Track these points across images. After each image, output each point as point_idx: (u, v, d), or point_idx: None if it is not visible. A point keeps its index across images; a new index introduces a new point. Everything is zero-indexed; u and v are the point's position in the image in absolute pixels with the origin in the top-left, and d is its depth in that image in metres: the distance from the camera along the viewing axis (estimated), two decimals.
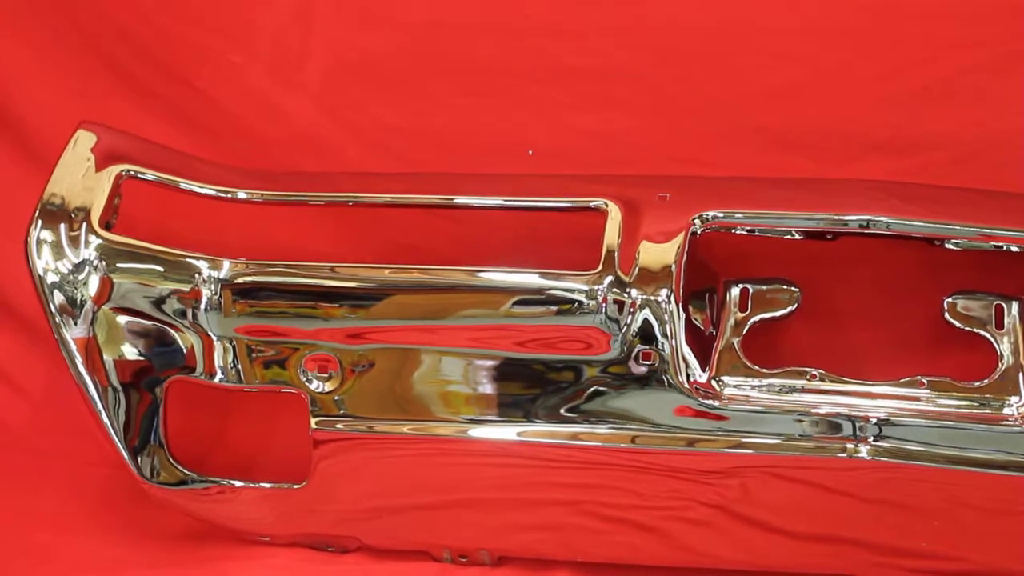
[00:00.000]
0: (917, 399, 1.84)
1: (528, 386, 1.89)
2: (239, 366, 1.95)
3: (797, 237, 1.91)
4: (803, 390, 1.86)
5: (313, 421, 1.93)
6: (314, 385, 1.93)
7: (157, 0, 2.15)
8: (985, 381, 1.85)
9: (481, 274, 1.90)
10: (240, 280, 1.92)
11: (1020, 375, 1.85)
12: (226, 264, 1.93)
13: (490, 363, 1.90)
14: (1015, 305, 1.91)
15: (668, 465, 1.87)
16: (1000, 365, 1.86)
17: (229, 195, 2.00)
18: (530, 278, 1.88)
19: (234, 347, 1.94)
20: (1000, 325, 1.90)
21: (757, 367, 1.88)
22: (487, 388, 1.91)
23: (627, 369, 1.85)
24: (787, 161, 2.03)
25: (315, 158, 2.14)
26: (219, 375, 1.95)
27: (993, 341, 1.89)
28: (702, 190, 1.94)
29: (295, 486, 1.96)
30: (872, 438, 1.81)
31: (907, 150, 2.00)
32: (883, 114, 2.00)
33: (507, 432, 1.90)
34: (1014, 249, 1.85)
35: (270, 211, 2.08)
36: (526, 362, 1.89)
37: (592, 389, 1.87)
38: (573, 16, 2.06)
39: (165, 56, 2.17)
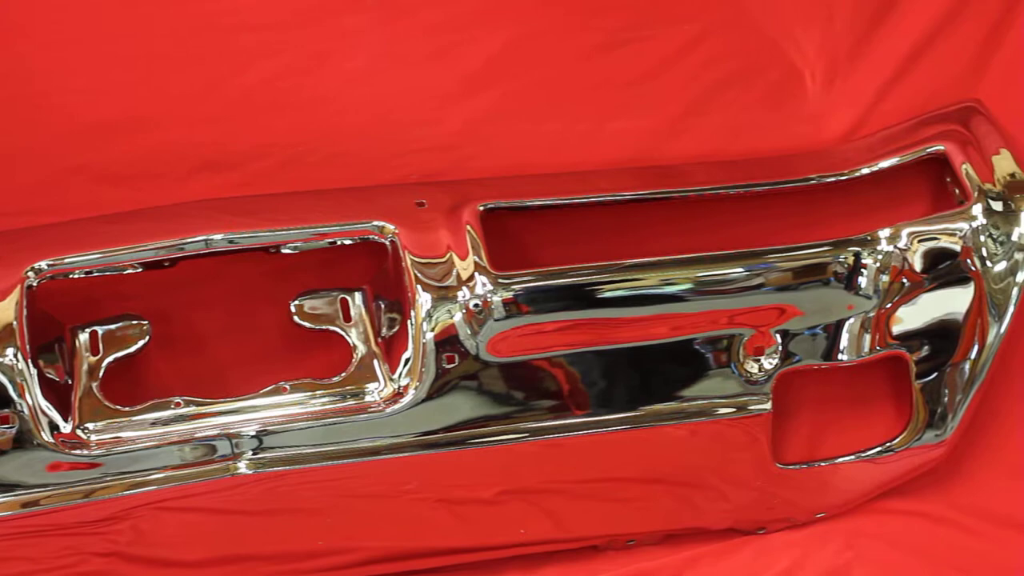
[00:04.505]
0: (284, 405, 2.05)
1: None
2: None
3: (138, 270, 2.05)
4: (172, 420, 2.02)
5: None
6: None
7: None
8: (343, 374, 2.09)
9: None
10: None
11: (374, 362, 2.10)
12: None
13: None
14: (358, 296, 2.15)
15: (56, 523, 1.98)
16: (355, 356, 2.10)
17: None
18: None
19: None
20: (348, 317, 2.14)
21: (119, 407, 2.02)
22: None
23: None
24: (119, 195, 2.14)
25: None
26: None
27: (344, 334, 2.13)
28: (31, 241, 2.05)
29: None
30: (250, 452, 2.01)
31: (231, 164, 2.16)
32: (201, 133, 2.15)
33: None
34: (347, 242, 2.10)
35: None
36: None
37: None
38: None
39: None
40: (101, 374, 2.06)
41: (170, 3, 2.12)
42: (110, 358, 2.08)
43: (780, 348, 2.16)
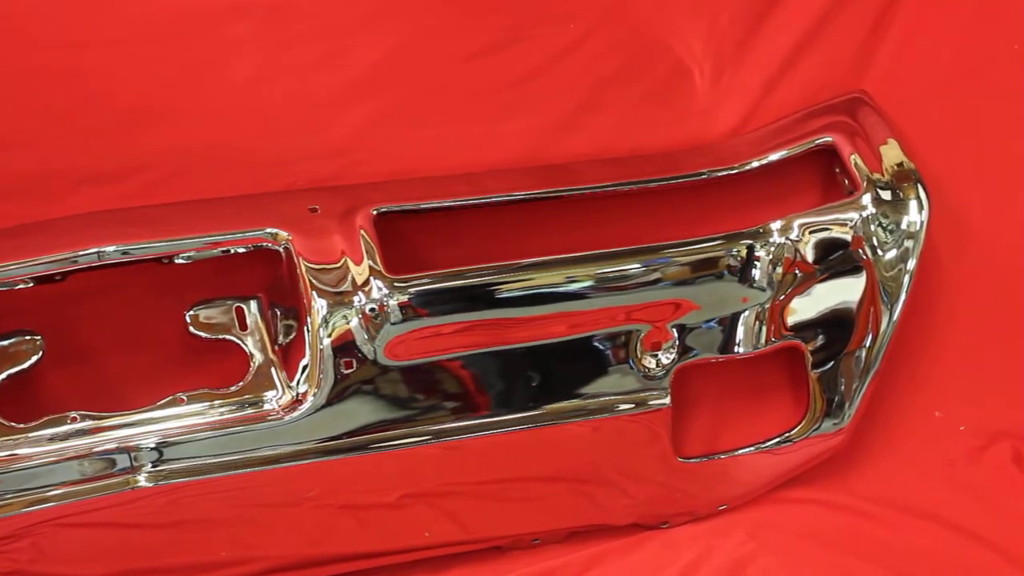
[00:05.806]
0: (182, 416, 2.08)
1: None
2: None
3: (30, 285, 2.06)
4: (69, 435, 2.04)
5: None
6: None
7: None
8: (241, 383, 2.12)
9: None
10: None
11: (272, 369, 2.14)
12: None
13: None
14: (253, 304, 2.19)
15: None
16: (252, 364, 2.14)
17: None
18: None
19: None
20: (244, 326, 2.17)
21: (14, 424, 2.04)
22: None
23: None
24: (4, 210, 2.14)
25: None
26: None
27: (240, 343, 2.16)
28: None
29: None
30: (149, 464, 2.03)
31: (117, 176, 2.17)
32: (85, 145, 2.16)
33: None
34: (241, 250, 2.12)
35: None
36: None
37: None
38: None
39: None
40: None
41: (50, 16, 2.13)
42: (3, 375, 2.09)
43: (677, 343, 2.22)
